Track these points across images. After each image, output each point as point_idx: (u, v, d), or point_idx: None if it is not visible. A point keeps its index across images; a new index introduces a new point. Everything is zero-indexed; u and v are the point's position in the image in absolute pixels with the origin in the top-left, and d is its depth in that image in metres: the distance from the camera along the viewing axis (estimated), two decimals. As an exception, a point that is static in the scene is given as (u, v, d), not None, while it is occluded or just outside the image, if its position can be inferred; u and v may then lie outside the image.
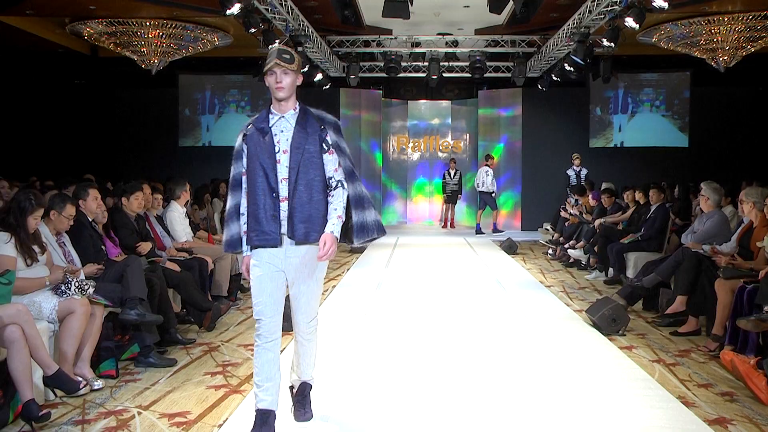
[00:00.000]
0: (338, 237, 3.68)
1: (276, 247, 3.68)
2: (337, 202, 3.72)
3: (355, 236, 3.80)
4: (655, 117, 17.80)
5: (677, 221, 9.85)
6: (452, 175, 17.97)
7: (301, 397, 4.12)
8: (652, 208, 9.11)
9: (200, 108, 18.19)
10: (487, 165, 16.54)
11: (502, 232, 16.38)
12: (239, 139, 3.82)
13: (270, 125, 3.76)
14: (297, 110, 3.81)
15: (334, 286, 9.00)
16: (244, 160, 3.77)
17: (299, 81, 3.82)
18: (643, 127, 17.76)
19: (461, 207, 19.16)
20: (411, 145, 19.92)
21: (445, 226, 18.01)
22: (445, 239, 15.65)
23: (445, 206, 18.37)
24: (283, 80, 3.71)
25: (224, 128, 18.08)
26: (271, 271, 3.71)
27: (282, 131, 3.74)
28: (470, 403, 4.49)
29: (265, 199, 3.65)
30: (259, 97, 17.97)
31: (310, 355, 4.07)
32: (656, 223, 8.91)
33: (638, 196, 9.88)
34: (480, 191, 16.60)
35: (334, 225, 3.66)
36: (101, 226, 6.13)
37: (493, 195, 16.67)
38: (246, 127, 3.82)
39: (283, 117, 3.78)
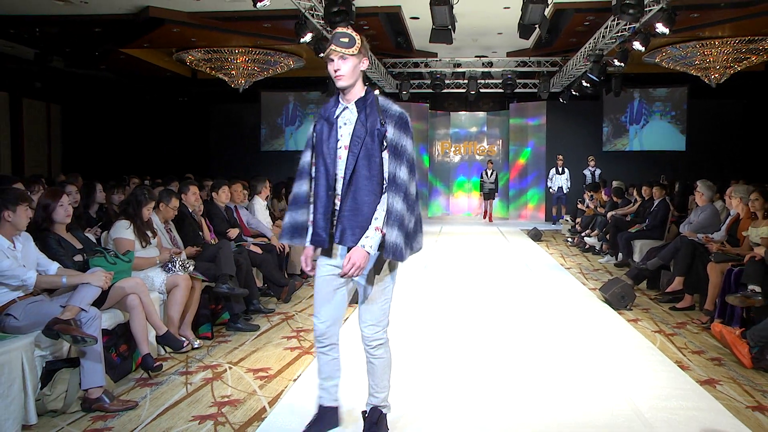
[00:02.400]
0: (372, 251, 2.76)
1: (324, 248, 2.89)
2: (379, 211, 2.79)
3: (384, 253, 2.80)
4: (663, 124, 17.39)
5: (676, 213, 9.65)
6: (489, 175, 17.33)
7: (371, 424, 3.05)
8: (655, 203, 8.95)
9: (283, 119, 18.40)
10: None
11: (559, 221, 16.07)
12: (311, 127, 2.98)
13: (336, 116, 2.90)
14: (364, 99, 2.89)
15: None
16: (311, 150, 2.96)
17: (364, 65, 2.89)
18: (653, 133, 17.39)
19: (495, 202, 19.03)
20: (453, 149, 19.82)
21: (485, 217, 17.46)
22: (480, 228, 15.57)
23: (484, 202, 17.78)
24: (341, 67, 2.83)
25: (304, 135, 18.31)
26: (326, 273, 2.92)
27: (345, 123, 2.88)
28: (503, 365, 4.52)
29: (324, 197, 2.84)
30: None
31: (379, 376, 3.01)
32: (658, 215, 8.76)
33: (644, 191, 9.70)
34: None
35: (368, 238, 2.76)
36: (199, 215, 6.29)
37: (551, 191, 16.45)
38: (319, 114, 2.96)
39: (347, 108, 2.90)
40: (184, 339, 4.74)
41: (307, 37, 10.48)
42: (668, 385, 4.06)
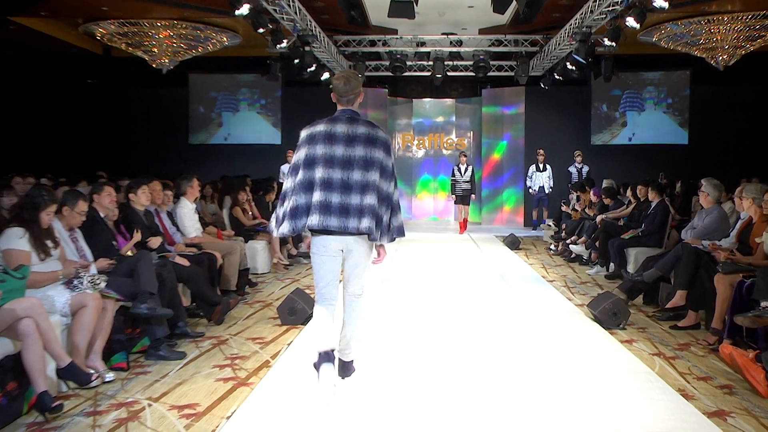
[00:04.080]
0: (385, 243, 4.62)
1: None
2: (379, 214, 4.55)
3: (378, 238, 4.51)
4: (658, 114, 17.76)
5: (677, 217, 9.80)
6: (462, 172, 15.65)
7: (345, 367, 4.68)
8: (653, 204, 9.06)
9: (216, 107, 18.21)
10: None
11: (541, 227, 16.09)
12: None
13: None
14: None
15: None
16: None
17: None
18: (647, 124, 17.74)
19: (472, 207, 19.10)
20: (416, 142, 19.87)
21: (461, 231, 15.73)
22: (448, 235, 15.61)
23: (456, 207, 16.39)
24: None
25: (238, 125, 18.21)
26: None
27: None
28: (473, 396, 4.48)
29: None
30: (269, 95, 17.99)
31: (355, 320, 4.65)
32: (656, 218, 8.88)
33: (640, 192, 9.83)
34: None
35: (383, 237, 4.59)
36: (112, 222, 6.14)
37: (531, 192, 16.64)
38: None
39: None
40: (92, 371, 4.64)
41: (244, 9, 10.34)
42: (669, 417, 4.07)
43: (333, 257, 4.40)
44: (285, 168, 15.75)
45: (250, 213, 10.03)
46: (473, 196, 15.83)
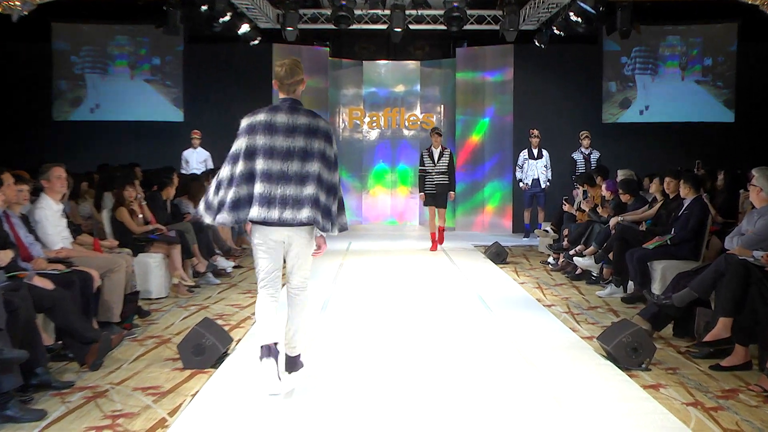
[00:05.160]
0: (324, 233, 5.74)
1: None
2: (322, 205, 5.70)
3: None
4: (688, 82, 17.94)
5: (719, 219, 9.88)
6: (436, 158, 14.42)
7: (292, 361, 5.89)
8: (686, 202, 9.13)
9: (86, 66, 17.86)
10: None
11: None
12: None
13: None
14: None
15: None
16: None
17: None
18: (671, 95, 17.92)
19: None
20: (367, 120, 19.87)
21: (434, 247, 14.62)
22: (412, 244, 15.62)
23: (427, 211, 15.00)
24: None
25: (119, 95, 17.93)
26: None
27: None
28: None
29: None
30: (165, 53, 17.75)
31: (298, 314, 5.81)
32: (691, 221, 8.93)
33: (668, 186, 9.89)
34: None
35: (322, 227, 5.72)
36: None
37: (522, 186, 16.75)
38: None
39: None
40: None
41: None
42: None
43: (274, 248, 5.63)
44: (190, 155, 15.60)
45: (141, 216, 9.86)
46: (452, 193, 14.63)
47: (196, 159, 15.64)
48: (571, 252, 11.33)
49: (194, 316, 8.53)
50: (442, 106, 19.67)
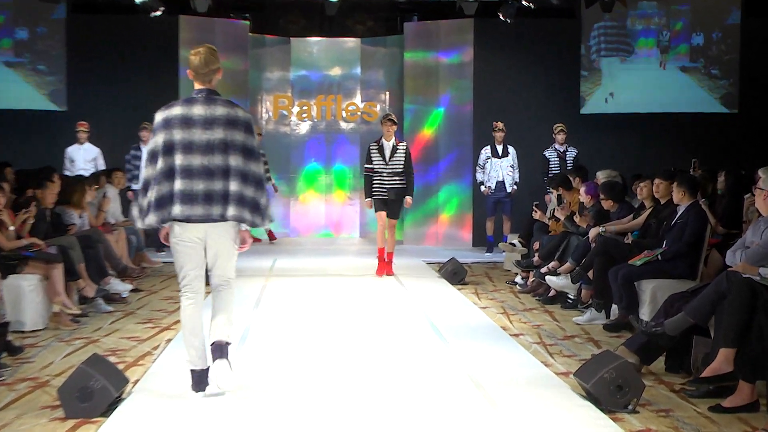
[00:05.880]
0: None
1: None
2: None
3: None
4: (671, 72, 18.04)
5: (720, 230, 9.96)
6: (388, 154, 13.51)
7: (219, 350, 6.52)
8: (680, 210, 9.18)
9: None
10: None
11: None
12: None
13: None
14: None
15: (169, 340, 8.83)
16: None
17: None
18: (676, 82, 18.01)
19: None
20: (296, 110, 19.81)
21: (380, 270, 13.76)
22: (351, 261, 15.57)
23: (379, 219, 13.76)
24: None
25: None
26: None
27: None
28: None
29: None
30: (37, 23, 17.43)
31: (224, 307, 6.61)
32: (686, 232, 8.99)
33: (658, 189, 9.94)
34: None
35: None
36: None
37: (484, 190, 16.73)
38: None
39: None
40: None
41: None
42: None
43: (195, 246, 6.36)
44: (75, 152, 15.40)
45: (12, 228, 9.69)
46: (409, 199, 13.82)
47: (83, 157, 15.45)
48: (543, 270, 11.37)
49: (80, 352, 8.37)
50: (388, 93, 19.69)
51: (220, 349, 6.48)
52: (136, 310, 10.74)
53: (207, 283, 6.59)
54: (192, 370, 6.47)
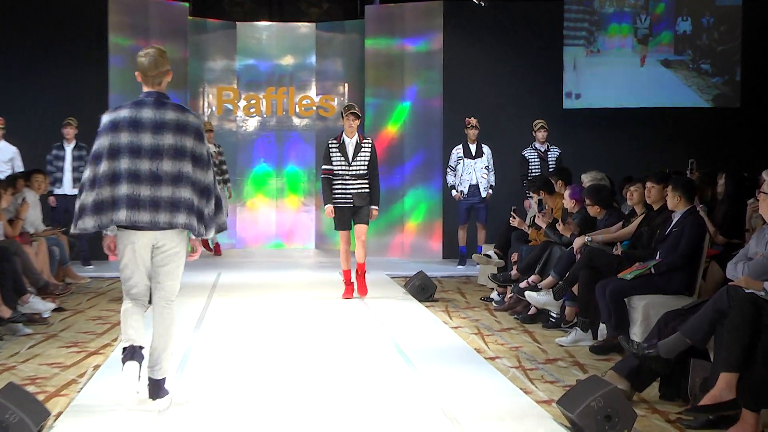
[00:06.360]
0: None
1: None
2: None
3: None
4: (651, 68, 18.04)
5: (719, 240, 10.00)
6: (352, 154, 12.98)
7: (156, 386, 6.97)
8: (675, 217, 9.23)
9: None
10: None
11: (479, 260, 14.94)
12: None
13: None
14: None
15: (97, 366, 8.78)
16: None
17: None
18: (621, 83, 18.06)
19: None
20: (243, 104, 19.79)
21: (348, 292, 13.15)
22: (306, 275, 15.58)
23: (341, 237, 13.32)
24: None
25: None
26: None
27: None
28: None
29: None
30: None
31: (165, 330, 7.01)
32: (682, 242, 9.03)
33: (650, 193, 9.97)
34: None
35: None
36: None
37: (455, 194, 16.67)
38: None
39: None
40: None
41: None
42: None
43: (141, 254, 6.84)
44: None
45: None
46: (374, 210, 13.29)
47: (-3, 157, 15.38)
48: (522, 284, 11.40)
49: (-8, 381, 8.31)
50: (346, 85, 19.71)
51: (156, 389, 6.93)
52: (59, 333, 10.66)
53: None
54: (124, 348, 6.89)
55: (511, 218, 12.83)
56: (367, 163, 12.99)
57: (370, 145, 13.12)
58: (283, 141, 19.74)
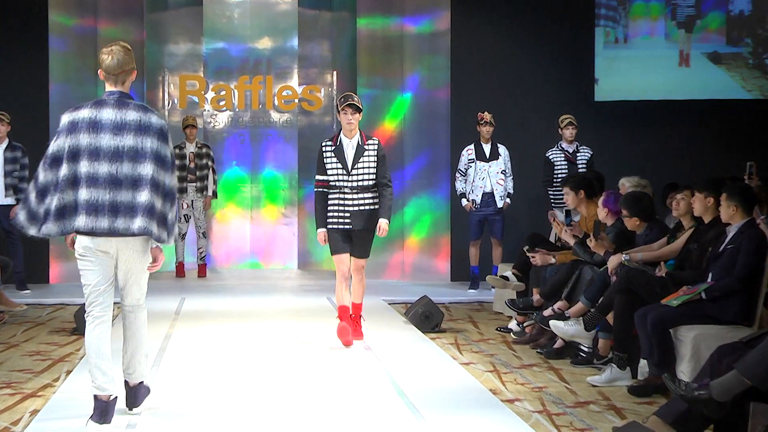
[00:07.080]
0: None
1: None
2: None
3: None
4: (697, 64, 18.11)
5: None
6: (352, 160, 11.91)
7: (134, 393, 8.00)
8: (731, 231, 9.24)
9: None
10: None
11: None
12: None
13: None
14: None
15: (35, 412, 8.72)
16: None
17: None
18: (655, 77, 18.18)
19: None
20: (211, 95, 19.80)
21: (344, 334, 11.85)
22: (286, 301, 15.58)
23: (336, 262, 12.16)
24: None
25: None
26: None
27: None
28: None
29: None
30: None
31: (138, 339, 7.96)
32: (739, 262, 9.03)
33: (697, 203, 9.96)
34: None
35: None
36: None
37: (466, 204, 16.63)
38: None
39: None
40: None
41: None
42: None
43: (102, 261, 7.50)
44: None
45: None
46: (384, 224, 12.05)
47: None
48: (546, 312, 11.39)
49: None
50: (334, 73, 19.75)
51: (134, 396, 7.95)
52: (-8, 370, 10.68)
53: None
54: (96, 397, 7.36)
55: (553, 221, 12.63)
56: (372, 171, 11.89)
57: (376, 147, 11.99)
58: (259, 140, 19.74)
